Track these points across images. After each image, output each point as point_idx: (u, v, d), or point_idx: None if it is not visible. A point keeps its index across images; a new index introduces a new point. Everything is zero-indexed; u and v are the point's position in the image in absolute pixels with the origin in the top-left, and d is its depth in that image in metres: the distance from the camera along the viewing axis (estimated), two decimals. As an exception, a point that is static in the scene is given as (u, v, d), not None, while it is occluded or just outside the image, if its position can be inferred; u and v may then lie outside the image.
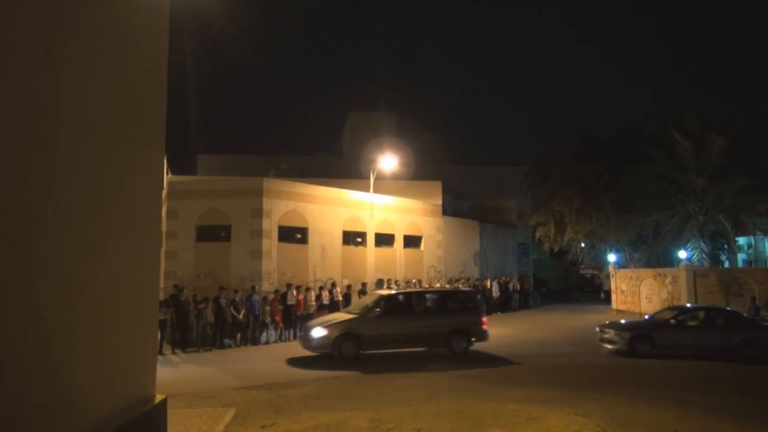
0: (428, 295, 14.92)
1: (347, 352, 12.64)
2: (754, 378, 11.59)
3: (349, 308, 14.90)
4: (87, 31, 3.97)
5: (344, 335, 12.74)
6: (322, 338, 12.79)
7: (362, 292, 19.65)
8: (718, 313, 15.03)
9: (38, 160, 3.39)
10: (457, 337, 13.65)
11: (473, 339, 13.89)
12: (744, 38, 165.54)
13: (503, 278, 27.62)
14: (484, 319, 14.29)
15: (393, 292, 14.85)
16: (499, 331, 19.16)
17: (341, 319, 13.35)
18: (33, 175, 3.34)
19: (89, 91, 4.01)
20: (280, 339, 16.53)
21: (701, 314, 14.65)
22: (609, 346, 14.20)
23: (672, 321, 14.19)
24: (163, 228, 17.59)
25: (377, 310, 13.39)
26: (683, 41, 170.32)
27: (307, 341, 13.21)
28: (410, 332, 13.25)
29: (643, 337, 13.74)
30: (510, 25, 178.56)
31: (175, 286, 15.98)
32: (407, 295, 14.60)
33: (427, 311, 14.17)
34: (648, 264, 25.87)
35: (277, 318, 16.49)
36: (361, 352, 12.82)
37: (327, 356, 12.77)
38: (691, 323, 14.27)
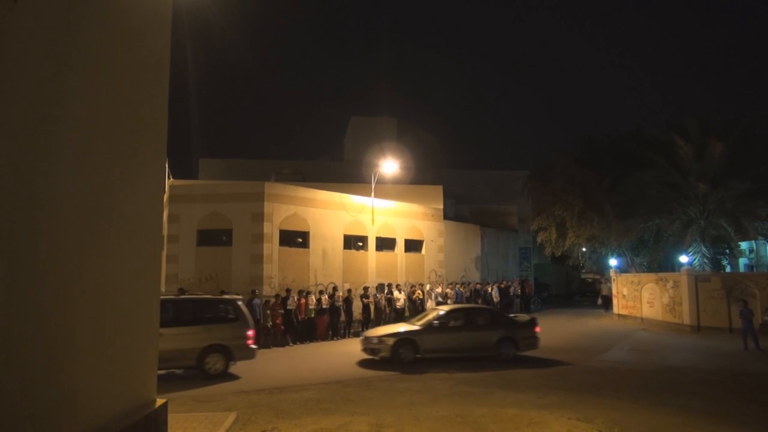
0: (176, 305, 11.89)
1: None
2: (754, 383, 11.56)
3: None
4: (89, 34, 3.98)
5: None
6: None
7: (364, 296, 19.66)
8: (479, 313, 14.64)
9: (39, 163, 3.39)
10: (213, 356, 11.52)
11: (234, 358, 11.77)
12: (748, 38, 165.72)
13: (504, 283, 27.60)
14: (251, 333, 12.14)
15: None
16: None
17: None
18: (34, 179, 3.34)
19: (91, 95, 4.02)
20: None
21: (463, 315, 14.17)
22: (374, 356, 13.25)
23: (435, 323, 13.67)
24: (164, 232, 17.60)
25: None
26: (687, 43, 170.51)
27: None
28: None
29: (407, 342, 13.10)
30: (513, 28, 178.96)
31: (180, 289, 15.98)
32: None
33: (174, 324, 11.19)
34: (649, 268, 25.76)
35: (278, 322, 16.48)
36: None
37: None
38: (453, 324, 13.76)
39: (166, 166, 15.04)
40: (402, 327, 14.12)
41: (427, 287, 22.68)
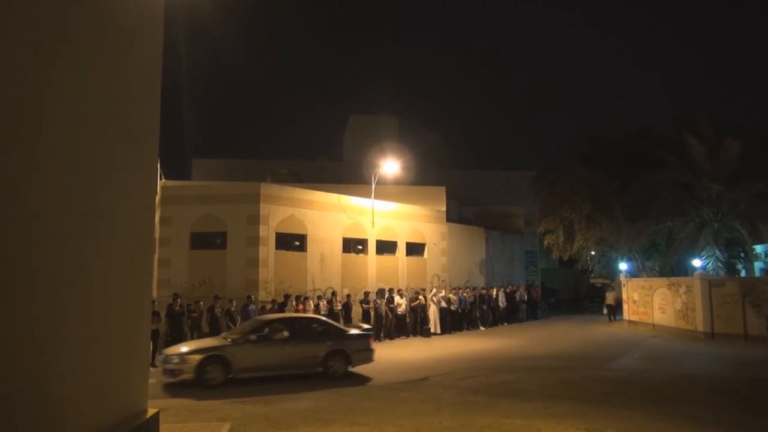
0: None
1: None
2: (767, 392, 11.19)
3: None
4: (78, 31, 3.95)
5: None
6: None
7: (364, 301, 19.10)
8: (304, 324, 13.19)
9: (26, 164, 3.33)
10: None
11: None
12: (758, 34, 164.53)
13: (510, 287, 26.95)
14: None
15: None
16: (506, 343, 18.84)
17: None
18: (21, 181, 3.28)
19: (80, 95, 4.00)
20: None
21: (287, 327, 12.57)
22: (174, 379, 11.22)
23: (252, 336, 11.96)
24: (156, 235, 17.26)
25: None
26: (698, 39, 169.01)
27: None
28: None
29: (216, 359, 11.35)
30: (519, 25, 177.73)
31: (174, 294, 15.54)
32: None
33: None
34: (661, 273, 25.22)
35: (275, 328, 15.90)
36: None
37: None
38: (276, 337, 12.17)
39: (158, 166, 14.56)
40: (211, 342, 12.45)
41: (432, 293, 22.01)
